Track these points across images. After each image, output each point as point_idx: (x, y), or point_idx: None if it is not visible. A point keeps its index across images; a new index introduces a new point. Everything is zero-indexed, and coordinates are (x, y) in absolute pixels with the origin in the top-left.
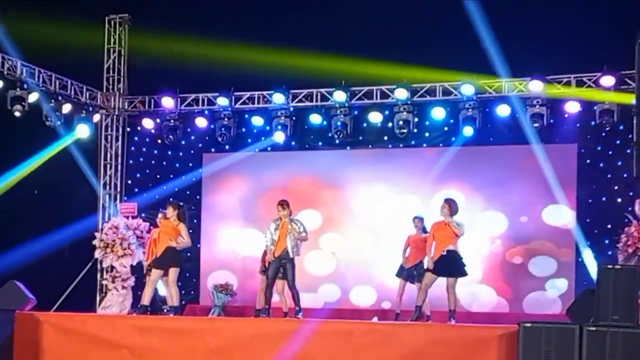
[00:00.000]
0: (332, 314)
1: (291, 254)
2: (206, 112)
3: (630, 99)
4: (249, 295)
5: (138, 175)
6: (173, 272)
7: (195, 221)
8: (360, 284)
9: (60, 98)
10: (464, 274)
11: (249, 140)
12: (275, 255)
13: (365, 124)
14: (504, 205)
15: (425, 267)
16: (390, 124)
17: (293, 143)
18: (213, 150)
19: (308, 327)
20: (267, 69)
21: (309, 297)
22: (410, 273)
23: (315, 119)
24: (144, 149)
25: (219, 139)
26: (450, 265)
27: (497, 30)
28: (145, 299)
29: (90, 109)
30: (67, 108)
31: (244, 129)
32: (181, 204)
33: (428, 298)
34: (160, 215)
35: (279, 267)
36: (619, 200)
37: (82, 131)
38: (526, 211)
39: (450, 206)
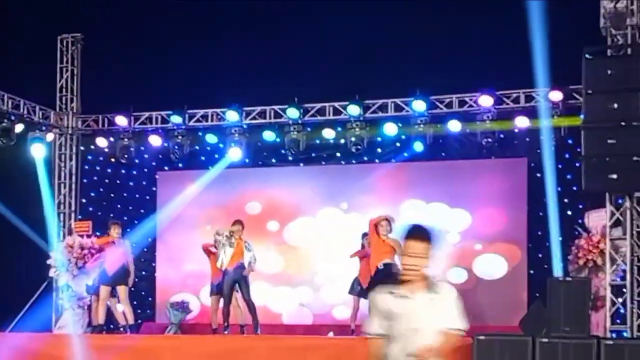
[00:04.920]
0: (288, 330)
1: (245, 271)
2: (160, 130)
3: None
4: (205, 313)
5: (92, 194)
6: (123, 289)
7: (149, 239)
8: (313, 300)
9: (12, 117)
10: None
11: (203, 158)
12: (229, 268)
13: (318, 141)
14: (455, 221)
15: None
16: (342, 140)
17: (247, 160)
18: (167, 168)
19: (266, 344)
20: (220, 86)
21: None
22: (362, 289)
23: (269, 135)
24: (97, 168)
25: (173, 157)
26: (388, 279)
27: (447, 45)
28: (100, 318)
29: (44, 128)
30: (19, 127)
31: (197, 147)
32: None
33: None
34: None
35: (234, 282)
36: (569, 212)
37: (37, 150)
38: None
39: (390, 223)
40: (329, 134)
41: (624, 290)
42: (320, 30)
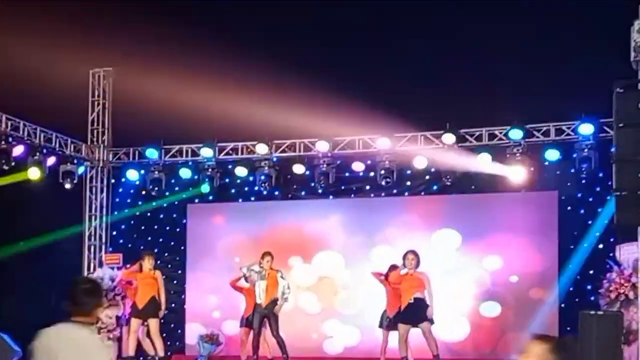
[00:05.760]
0: None
1: (279, 306)
2: (190, 162)
3: None
4: (236, 344)
5: (123, 226)
6: (154, 322)
7: (179, 271)
8: (345, 332)
9: (45, 151)
10: (432, 321)
11: (233, 191)
12: (264, 305)
13: (347, 174)
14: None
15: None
16: (372, 173)
17: (276, 193)
18: (197, 200)
19: None
20: (250, 119)
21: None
22: (390, 323)
23: (298, 168)
24: (128, 200)
25: (203, 190)
26: (419, 312)
27: (476, 79)
28: (130, 350)
29: (75, 161)
30: (51, 160)
31: (227, 180)
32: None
33: (412, 345)
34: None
35: (264, 316)
36: (600, 246)
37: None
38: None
39: (417, 257)
40: (358, 167)
41: None
42: (346, 63)
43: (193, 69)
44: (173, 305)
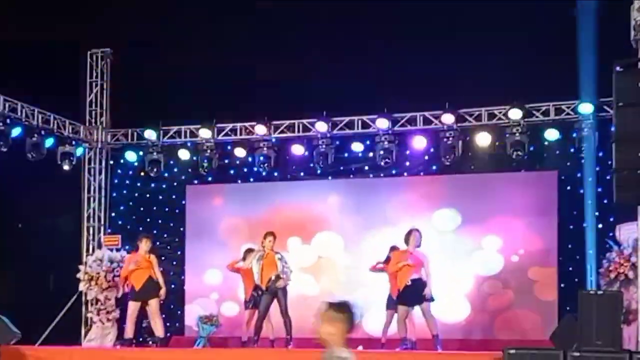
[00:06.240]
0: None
1: (282, 280)
2: (189, 144)
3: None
4: (233, 325)
5: (121, 207)
6: (154, 302)
7: (178, 252)
8: None
9: (42, 132)
10: (431, 299)
11: (232, 172)
12: (263, 286)
13: (346, 154)
14: (484, 233)
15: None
16: (371, 154)
17: (275, 174)
18: (196, 182)
19: (296, 357)
20: (249, 100)
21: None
22: (392, 304)
23: (297, 149)
24: (127, 182)
25: (202, 171)
26: (417, 293)
27: (477, 58)
28: (129, 332)
29: (73, 142)
30: (49, 142)
31: (226, 160)
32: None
33: (414, 325)
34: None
35: (272, 297)
36: (600, 226)
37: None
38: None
39: (420, 236)
40: (357, 147)
41: None
42: (345, 45)
43: (191, 47)
44: (172, 286)
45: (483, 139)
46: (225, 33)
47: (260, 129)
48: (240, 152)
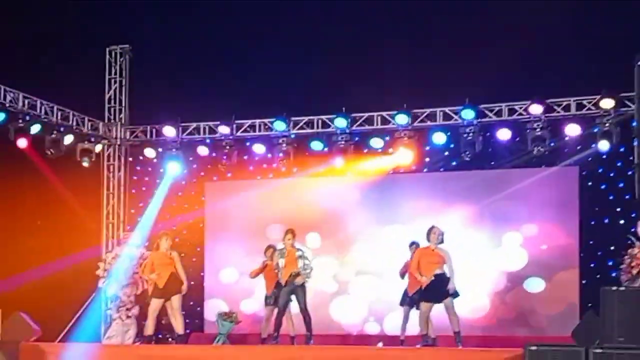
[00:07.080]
0: (338, 340)
1: (301, 277)
2: (208, 140)
3: None
4: (253, 322)
5: (141, 204)
6: (177, 298)
7: (198, 249)
8: (366, 312)
9: (61, 129)
10: (456, 294)
11: (251, 168)
12: (284, 282)
13: (366, 150)
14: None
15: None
16: (390, 150)
17: (295, 170)
18: (215, 178)
19: (316, 354)
20: (268, 96)
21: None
22: (412, 300)
23: (317, 145)
24: (146, 179)
25: (221, 167)
26: (441, 288)
27: (497, 54)
28: (149, 329)
29: (92, 139)
30: (69, 139)
31: (245, 157)
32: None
33: (434, 322)
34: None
35: (290, 293)
36: (622, 221)
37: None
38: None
39: (442, 233)
40: (377, 143)
41: None
42: (364, 41)
43: (210, 44)
44: (192, 283)
45: (503, 135)
46: (244, 29)
47: (279, 125)
48: (259, 149)
